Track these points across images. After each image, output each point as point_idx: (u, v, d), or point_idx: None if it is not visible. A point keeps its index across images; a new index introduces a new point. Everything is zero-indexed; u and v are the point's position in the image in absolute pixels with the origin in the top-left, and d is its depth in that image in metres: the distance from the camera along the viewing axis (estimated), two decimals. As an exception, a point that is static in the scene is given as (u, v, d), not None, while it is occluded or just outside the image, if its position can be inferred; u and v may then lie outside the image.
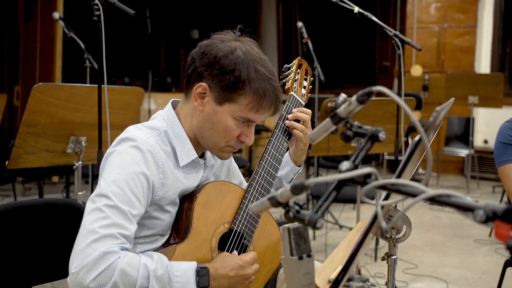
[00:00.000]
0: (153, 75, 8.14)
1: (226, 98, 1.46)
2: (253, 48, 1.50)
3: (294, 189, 0.91)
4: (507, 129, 2.29)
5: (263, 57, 1.51)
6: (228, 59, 1.45)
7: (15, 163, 2.47)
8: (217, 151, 1.55)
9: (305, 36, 4.81)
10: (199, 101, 1.49)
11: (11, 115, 6.91)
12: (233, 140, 1.52)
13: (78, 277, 1.28)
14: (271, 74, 1.49)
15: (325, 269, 1.23)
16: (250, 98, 1.46)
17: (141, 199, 1.40)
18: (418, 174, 7.23)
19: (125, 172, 1.39)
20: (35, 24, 6.65)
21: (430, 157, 0.92)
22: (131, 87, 2.85)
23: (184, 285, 1.37)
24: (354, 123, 1.01)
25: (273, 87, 1.48)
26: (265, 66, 1.49)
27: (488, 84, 5.99)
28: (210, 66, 1.46)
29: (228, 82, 1.44)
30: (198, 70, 1.48)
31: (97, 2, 2.41)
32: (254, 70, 1.45)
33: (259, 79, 1.46)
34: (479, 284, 3.63)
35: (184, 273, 1.38)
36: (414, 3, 7.91)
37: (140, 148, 1.43)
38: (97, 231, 1.31)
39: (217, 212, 1.55)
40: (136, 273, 1.32)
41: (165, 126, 1.53)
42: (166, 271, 1.35)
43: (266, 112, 1.50)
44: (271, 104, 1.49)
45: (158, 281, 1.34)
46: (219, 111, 1.48)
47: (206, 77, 1.47)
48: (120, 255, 1.32)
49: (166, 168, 1.47)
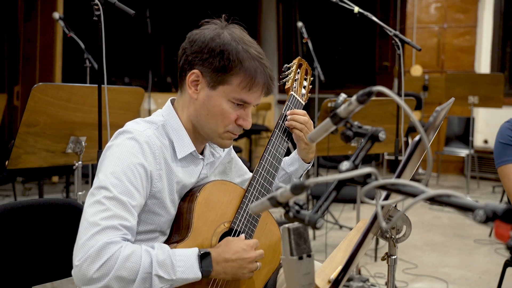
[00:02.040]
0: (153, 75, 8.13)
1: (218, 81, 1.49)
2: (240, 32, 1.53)
3: (294, 189, 0.91)
4: (507, 130, 2.29)
5: (250, 39, 1.54)
6: (215, 42, 1.48)
7: (15, 163, 2.47)
8: (217, 139, 1.56)
9: (305, 36, 4.81)
10: (193, 89, 1.52)
11: (11, 115, 6.90)
12: (231, 125, 1.53)
13: (82, 269, 1.30)
14: (260, 54, 1.52)
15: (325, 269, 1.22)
16: (241, 77, 1.48)
17: (140, 190, 1.41)
18: (418, 174, 7.23)
19: (123, 163, 1.40)
20: (35, 24, 6.65)
21: (430, 157, 0.92)
22: (131, 87, 2.85)
23: (187, 269, 1.38)
24: (354, 123, 1.01)
25: (263, 65, 1.51)
26: (253, 46, 1.51)
27: (488, 84, 5.99)
28: (199, 52, 1.49)
29: (218, 64, 1.47)
30: (189, 58, 1.51)
31: (97, 2, 2.41)
32: (243, 50, 1.48)
33: (248, 58, 1.48)
34: (479, 284, 3.63)
35: (186, 258, 1.39)
36: (414, 3, 7.91)
37: (137, 139, 1.44)
38: (99, 223, 1.33)
39: (218, 212, 1.55)
40: (139, 260, 1.33)
41: (162, 120, 1.55)
42: (168, 256, 1.37)
43: (258, 91, 1.52)
44: (263, 82, 1.51)
45: (161, 266, 1.35)
46: (213, 95, 1.50)
47: (197, 63, 1.50)
48: (122, 245, 1.33)
49: (163, 160, 1.49)
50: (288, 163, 1.83)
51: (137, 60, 8.50)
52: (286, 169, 1.82)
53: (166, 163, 1.50)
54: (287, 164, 1.83)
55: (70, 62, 6.43)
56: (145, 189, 1.43)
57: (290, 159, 1.83)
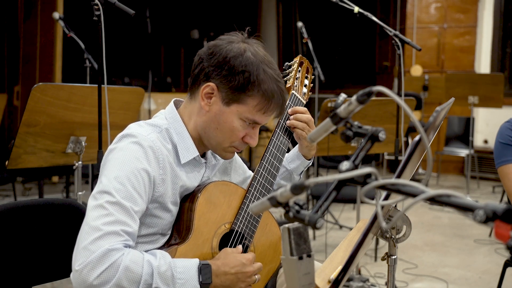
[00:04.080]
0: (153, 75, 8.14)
1: (234, 99, 1.47)
2: (261, 50, 1.51)
3: (294, 189, 0.91)
4: (507, 129, 2.29)
5: (270, 59, 1.52)
6: (238, 60, 1.46)
7: (15, 163, 2.47)
8: (220, 151, 1.56)
9: (305, 36, 4.81)
10: (206, 101, 1.50)
11: (11, 115, 6.90)
12: (237, 141, 1.53)
13: (82, 275, 1.29)
14: (279, 76, 1.51)
15: (325, 269, 1.22)
16: (258, 99, 1.47)
17: (143, 195, 1.41)
18: (418, 174, 7.23)
19: (127, 168, 1.40)
20: (35, 24, 6.65)
21: (430, 157, 0.92)
22: (131, 87, 2.85)
23: (187, 282, 1.37)
24: (354, 123, 1.01)
25: (280, 89, 1.50)
26: (273, 68, 1.50)
27: (488, 84, 5.99)
28: (219, 67, 1.47)
29: (238, 83, 1.45)
30: (206, 70, 1.49)
31: (97, 2, 2.41)
32: (263, 72, 1.46)
33: (268, 80, 1.47)
34: (479, 284, 3.63)
35: (186, 269, 1.39)
36: (414, 3, 7.91)
37: (141, 144, 1.43)
38: (100, 228, 1.32)
39: (218, 212, 1.55)
40: (140, 270, 1.32)
41: (166, 124, 1.54)
42: (169, 268, 1.36)
43: (272, 114, 1.52)
44: (278, 106, 1.51)
45: (162, 277, 1.34)
46: (226, 111, 1.49)
47: (215, 77, 1.48)
48: (124, 252, 1.32)
49: (167, 165, 1.48)
50: (289, 160, 1.83)
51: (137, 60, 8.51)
52: (287, 166, 1.83)
53: (171, 167, 1.49)
54: (288, 161, 1.83)
55: (70, 62, 6.43)
56: (147, 194, 1.43)
57: (291, 156, 1.83)
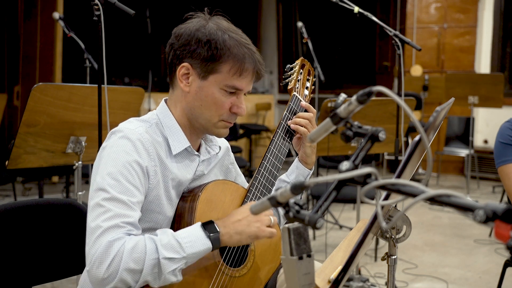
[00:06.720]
0: (153, 75, 8.14)
1: (208, 70, 1.50)
2: (224, 22, 1.55)
3: (294, 189, 0.91)
4: (507, 129, 2.29)
5: (236, 28, 1.56)
6: (201, 32, 1.49)
7: (15, 163, 2.47)
8: (212, 128, 1.56)
9: (305, 36, 4.81)
10: (185, 82, 1.53)
11: (11, 115, 6.90)
12: (225, 113, 1.54)
13: (92, 273, 1.32)
14: (247, 40, 1.54)
15: (325, 269, 1.23)
16: (231, 64, 1.49)
17: (139, 186, 1.42)
18: (418, 174, 7.23)
19: (118, 163, 1.41)
20: (35, 24, 6.65)
21: (430, 157, 0.92)
22: (131, 87, 2.85)
23: (195, 242, 1.38)
24: (354, 123, 1.01)
25: (251, 50, 1.52)
26: (238, 34, 1.53)
27: (488, 84, 5.99)
28: (186, 44, 1.50)
29: (207, 53, 1.48)
30: (177, 53, 1.52)
31: (97, 2, 2.41)
32: (229, 37, 1.50)
33: (236, 45, 1.50)
34: (479, 284, 3.63)
35: (190, 233, 1.39)
36: (414, 3, 7.91)
37: (129, 137, 1.45)
38: (101, 225, 1.34)
39: (219, 211, 1.55)
40: (144, 248, 1.34)
41: (156, 118, 1.56)
42: (172, 237, 1.37)
43: (249, 76, 1.53)
44: (253, 67, 1.52)
45: (166, 248, 1.35)
46: (205, 85, 1.51)
47: (186, 56, 1.51)
48: (125, 240, 1.34)
49: (157, 157, 1.49)
50: (288, 173, 1.82)
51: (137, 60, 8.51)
52: (287, 180, 1.81)
53: (160, 159, 1.50)
54: (287, 175, 1.82)
55: (70, 62, 6.43)
56: (143, 185, 1.44)
57: (289, 170, 1.83)
